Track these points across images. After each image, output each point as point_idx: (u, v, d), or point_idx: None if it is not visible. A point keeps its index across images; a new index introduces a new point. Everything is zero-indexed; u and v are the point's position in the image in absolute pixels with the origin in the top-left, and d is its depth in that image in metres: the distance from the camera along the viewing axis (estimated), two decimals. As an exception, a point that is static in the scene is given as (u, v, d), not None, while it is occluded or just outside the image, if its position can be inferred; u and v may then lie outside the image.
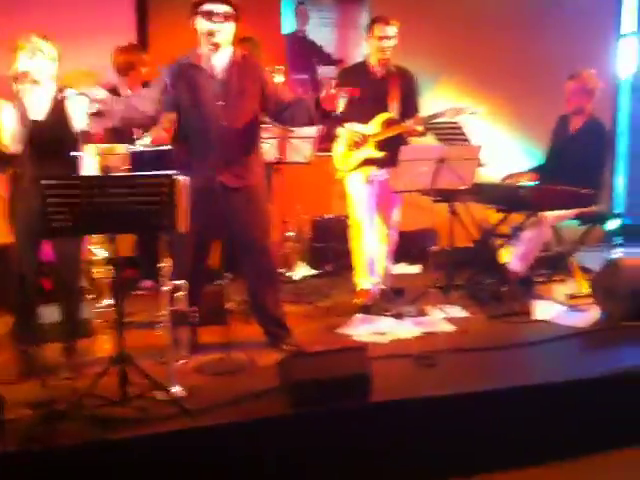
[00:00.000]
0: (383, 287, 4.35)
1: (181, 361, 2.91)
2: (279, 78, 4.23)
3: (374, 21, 4.11)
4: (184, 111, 3.21)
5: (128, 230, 2.72)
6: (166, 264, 2.84)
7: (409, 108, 4.11)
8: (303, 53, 5.54)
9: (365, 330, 3.73)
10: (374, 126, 4.09)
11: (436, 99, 5.60)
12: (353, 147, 4.09)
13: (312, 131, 4.28)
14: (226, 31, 3.13)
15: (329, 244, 5.33)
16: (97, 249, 4.07)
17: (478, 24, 5.71)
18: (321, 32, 5.54)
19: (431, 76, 5.69)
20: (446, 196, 4.34)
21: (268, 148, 4.25)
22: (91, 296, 4.08)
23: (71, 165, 2.90)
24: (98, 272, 4.13)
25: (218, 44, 3.13)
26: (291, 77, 5.55)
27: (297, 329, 3.73)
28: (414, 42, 5.50)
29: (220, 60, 3.21)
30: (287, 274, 5.11)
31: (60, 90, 3.01)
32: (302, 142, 4.28)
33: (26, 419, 2.57)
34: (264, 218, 3.33)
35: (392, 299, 4.29)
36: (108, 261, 4.11)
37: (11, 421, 2.55)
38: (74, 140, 3.00)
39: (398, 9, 5.35)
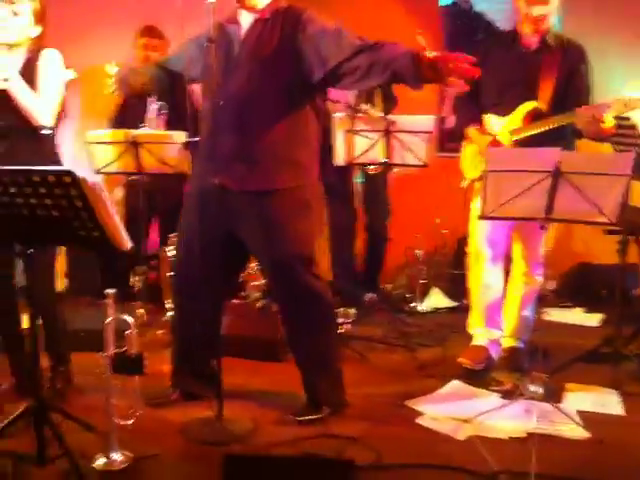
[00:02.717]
0: (514, 345, 3.12)
1: (127, 421, 2.14)
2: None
3: None
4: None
5: (41, 242, 2.04)
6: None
7: (569, 96, 2.81)
8: (466, 29, 4.39)
9: (447, 410, 2.59)
10: (514, 119, 2.88)
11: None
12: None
13: (427, 123, 3.18)
14: None
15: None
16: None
17: None
18: (491, 1, 4.31)
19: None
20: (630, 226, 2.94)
21: (366, 146, 3.27)
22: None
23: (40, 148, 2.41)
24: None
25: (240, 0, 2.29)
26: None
27: (365, 388, 2.77)
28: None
29: (247, 18, 2.36)
30: (411, 304, 4.09)
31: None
32: (413, 138, 3.20)
33: None
34: (292, 236, 2.36)
35: (522, 364, 3.05)
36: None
37: None
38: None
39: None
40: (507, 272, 3.13)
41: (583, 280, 4.25)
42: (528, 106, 2.83)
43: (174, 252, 2.85)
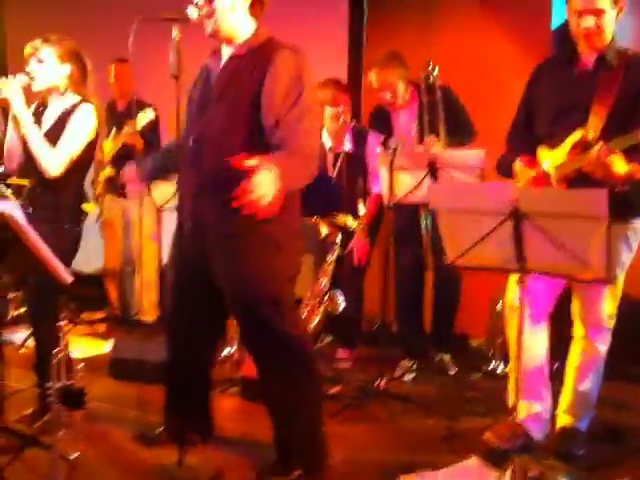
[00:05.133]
0: (568, 424, 2.57)
1: (71, 455, 2.11)
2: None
3: None
4: None
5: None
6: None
7: (632, 122, 2.27)
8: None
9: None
10: (561, 152, 2.42)
11: None
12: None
13: (475, 157, 2.79)
14: (217, 13, 2.15)
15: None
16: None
17: None
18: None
19: None
20: None
21: (411, 184, 2.96)
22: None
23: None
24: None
25: (213, 35, 2.22)
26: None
27: (369, 453, 2.49)
28: None
29: (226, 52, 2.28)
30: (491, 364, 3.59)
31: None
32: (461, 174, 2.82)
33: None
34: (257, 275, 2.20)
35: (574, 450, 2.48)
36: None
37: None
38: None
39: None
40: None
41: None
42: (575, 136, 2.37)
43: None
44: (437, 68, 3.18)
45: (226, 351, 3.62)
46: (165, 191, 3.43)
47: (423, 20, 4.28)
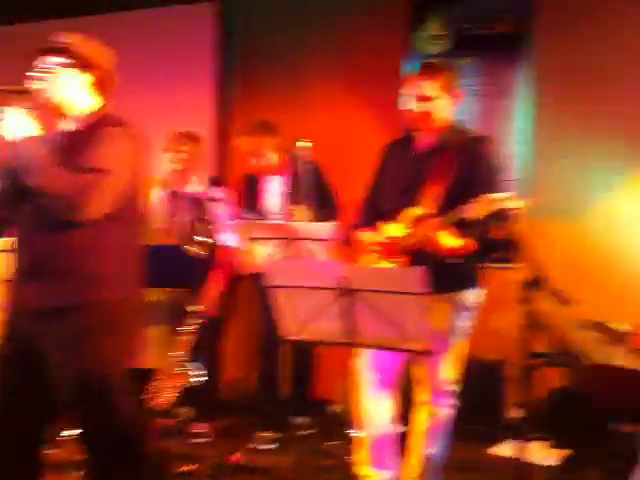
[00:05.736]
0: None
1: None
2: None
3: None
4: None
5: None
6: None
7: (463, 201, 2.43)
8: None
9: None
10: (400, 227, 2.57)
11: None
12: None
13: (326, 230, 2.91)
14: (53, 89, 2.11)
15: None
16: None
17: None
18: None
19: (616, 167, 3.72)
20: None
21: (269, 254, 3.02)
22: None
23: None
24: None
25: (42, 107, 2.14)
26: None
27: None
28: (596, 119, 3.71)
29: (66, 127, 2.21)
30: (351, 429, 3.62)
31: None
32: (314, 245, 2.91)
33: None
34: (89, 356, 2.07)
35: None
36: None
37: None
38: None
39: (569, 76, 3.75)
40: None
41: (557, 408, 3.64)
42: (408, 214, 2.53)
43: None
44: (306, 142, 3.22)
45: (69, 432, 3.37)
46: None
47: (293, 93, 4.44)
